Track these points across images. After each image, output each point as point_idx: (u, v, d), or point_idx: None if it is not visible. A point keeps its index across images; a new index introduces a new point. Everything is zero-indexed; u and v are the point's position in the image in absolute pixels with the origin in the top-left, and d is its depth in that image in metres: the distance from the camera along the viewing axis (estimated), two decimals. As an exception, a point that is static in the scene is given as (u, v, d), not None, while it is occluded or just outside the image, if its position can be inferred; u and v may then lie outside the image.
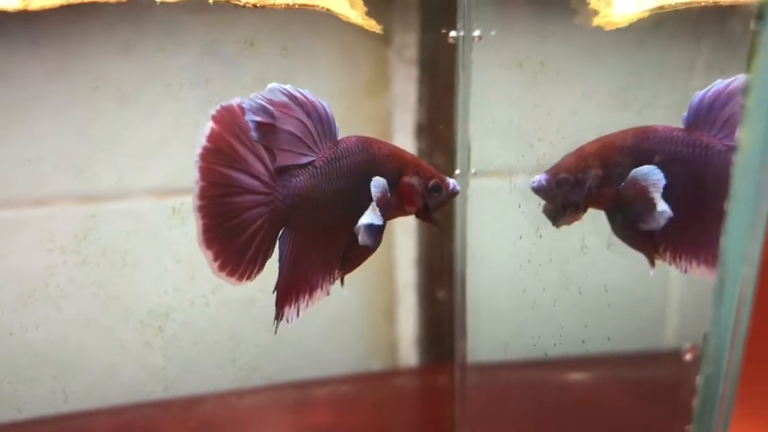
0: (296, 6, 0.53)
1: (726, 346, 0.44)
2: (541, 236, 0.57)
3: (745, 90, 0.40)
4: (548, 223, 0.55)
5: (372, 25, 0.56)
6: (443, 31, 0.59)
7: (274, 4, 0.53)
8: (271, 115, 0.48)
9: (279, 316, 0.53)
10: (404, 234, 0.77)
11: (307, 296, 0.54)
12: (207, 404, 0.71)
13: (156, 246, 0.68)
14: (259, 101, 0.47)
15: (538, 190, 0.54)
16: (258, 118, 0.47)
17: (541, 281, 0.61)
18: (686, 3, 0.54)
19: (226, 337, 0.72)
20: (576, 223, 0.54)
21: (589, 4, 0.54)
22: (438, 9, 0.69)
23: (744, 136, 0.40)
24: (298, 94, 0.49)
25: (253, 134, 0.47)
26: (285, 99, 0.48)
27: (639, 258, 0.54)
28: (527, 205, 0.56)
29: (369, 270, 0.77)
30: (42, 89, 0.63)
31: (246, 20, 0.64)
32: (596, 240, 0.57)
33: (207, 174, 0.46)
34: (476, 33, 0.57)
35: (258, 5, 0.53)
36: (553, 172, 0.53)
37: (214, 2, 0.52)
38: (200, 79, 0.62)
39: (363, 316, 0.78)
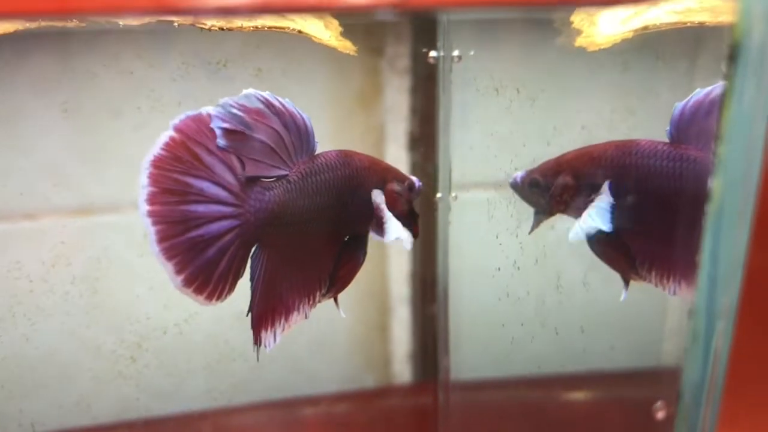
0: (265, 28, 0.51)
1: (701, 406, 0.41)
2: (519, 268, 0.56)
3: (717, 137, 0.37)
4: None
5: (347, 47, 0.54)
6: (424, 50, 0.56)
7: (242, 27, 0.51)
8: (242, 122, 0.46)
9: (257, 341, 0.52)
10: (398, 248, 0.76)
11: (283, 320, 0.53)
12: (192, 424, 0.71)
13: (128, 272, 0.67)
14: (230, 108, 0.46)
15: (512, 186, 0.55)
16: (225, 125, 0.45)
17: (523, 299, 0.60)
18: (671, 23, 0.50)
19: (214, 357, 0.71)
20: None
21: (572, 23, 0.51)
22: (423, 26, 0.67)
23: (716, 186, 0.38)
24: (276, 103, 0.47)
25: (219, 141, 0.46)
26: (260, 106, 0.46)
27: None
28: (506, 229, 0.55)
29: (362, 284, 0.76)
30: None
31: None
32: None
33: (157, 180, 0.45)
34: (455, 53, 0.55)
35: (225, 28, 0.52)
36: (529, 172, 0.54)
37: (179, 26, 0.51)
38: (172, 101, 0.61)
39: (356, 331, 0.77)
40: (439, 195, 0.59)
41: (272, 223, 0.49)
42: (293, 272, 0.52)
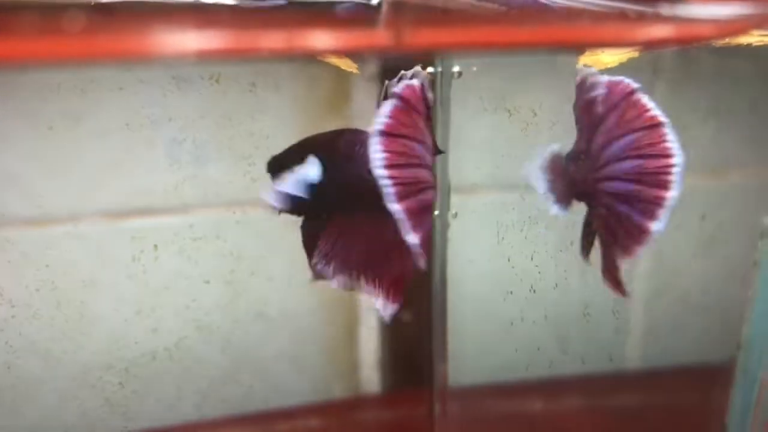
0: None
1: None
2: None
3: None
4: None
5: (348, 65, 0.54)
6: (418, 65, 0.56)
7: None
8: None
9: None
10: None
11: None
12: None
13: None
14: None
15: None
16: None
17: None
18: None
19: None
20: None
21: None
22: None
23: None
24: None
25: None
26: None
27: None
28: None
29: (331, 291, 0.76)
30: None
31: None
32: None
33: (390, 145, 0.43)
34: (455, 69, 0.54)
35: None
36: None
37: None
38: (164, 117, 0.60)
39: (324, 339, 0.76)
40: (436, 212, 0.58)
41: None
42: None
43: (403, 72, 0.46)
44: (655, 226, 0.45)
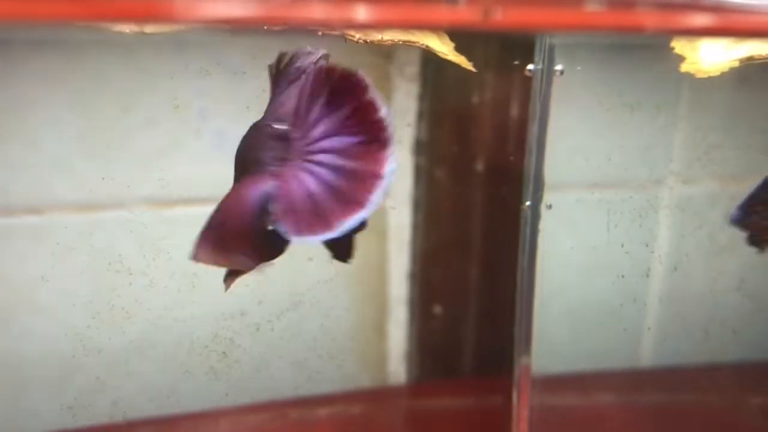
0: (399, 42, 0.52)
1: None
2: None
3: None
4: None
5: (463, 62, 0.55)
6: (516, 63, 0.57)
7: (381, 41, 0.52)
8: None
9: None
10: (398, 248, 0.77)
11: None
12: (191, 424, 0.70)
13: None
14: None
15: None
16: None
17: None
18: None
19: (218, 350, 0.71)
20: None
21: (673, 49, 0.53)
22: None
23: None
24: None
25: None
26: None
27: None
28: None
29: (361, 283, 0.77)
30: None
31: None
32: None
33: None
34: (558, 67, 0.55)
35: (367, 41, 0.53)
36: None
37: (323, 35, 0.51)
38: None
39: (354, 330, 0.78)
40: (527, 203, 0.59)
41: None
42: None
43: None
44: None
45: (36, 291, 0.66)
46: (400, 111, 0.73)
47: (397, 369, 0.80)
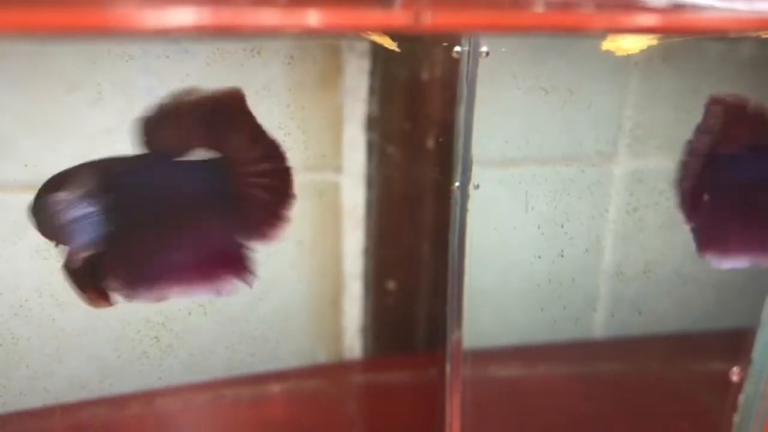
0: None
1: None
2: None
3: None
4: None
5: (387, 42, 0.55)
6: (444, 44, 0.57)
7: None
8: None
9: None
10: (353, 224, 0.78)
11: None
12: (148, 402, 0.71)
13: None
14: None
15: None
16: None
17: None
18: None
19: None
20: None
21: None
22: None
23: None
24: None
25: None
26: None
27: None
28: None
29: (316, 259, 0.78)
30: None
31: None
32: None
33: None
34: (483, 49, 0.55)
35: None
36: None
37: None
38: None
39: (309, 306, 0.78)
40: (456, 184, 0.60)
41: None
42: None
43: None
44: None
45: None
46: (352, 87, 0.73)
47: (352, 344, 0.81)
